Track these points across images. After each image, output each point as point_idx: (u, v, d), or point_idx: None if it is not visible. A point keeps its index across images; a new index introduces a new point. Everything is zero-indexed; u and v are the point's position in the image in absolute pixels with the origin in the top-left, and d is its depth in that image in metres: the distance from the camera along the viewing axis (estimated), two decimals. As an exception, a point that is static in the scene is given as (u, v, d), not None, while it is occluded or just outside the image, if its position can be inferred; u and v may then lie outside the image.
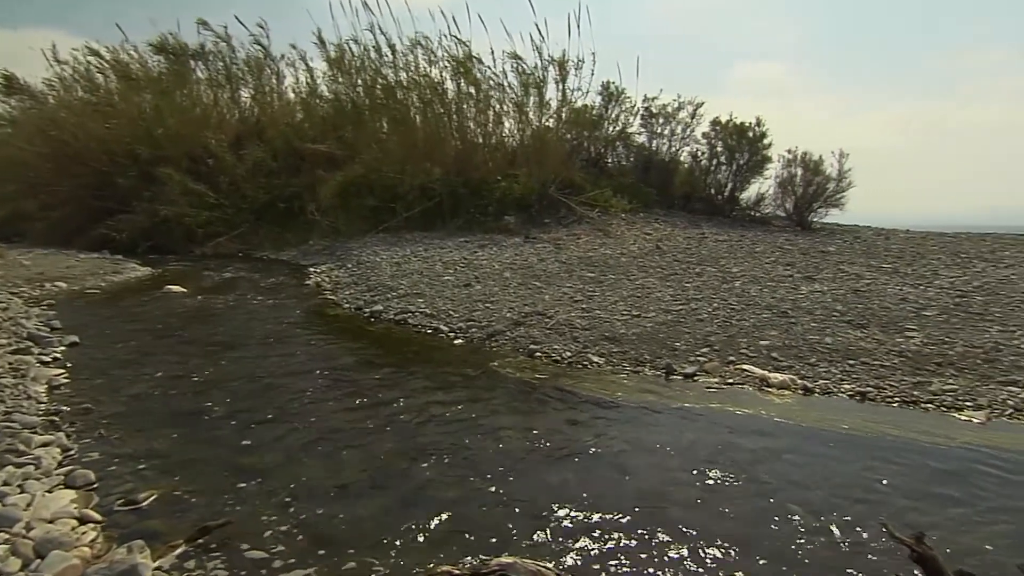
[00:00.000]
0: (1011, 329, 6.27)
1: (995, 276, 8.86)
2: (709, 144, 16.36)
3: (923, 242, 12.74)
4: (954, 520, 3.21)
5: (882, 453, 4.00)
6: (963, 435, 4.28)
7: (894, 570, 2.74)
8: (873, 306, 7.25)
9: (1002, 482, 3.63)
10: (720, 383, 5.24)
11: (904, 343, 5.98)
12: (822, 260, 10.46)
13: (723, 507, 3.25)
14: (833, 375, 5.30)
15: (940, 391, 4.94)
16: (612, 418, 4.56)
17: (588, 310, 7.36)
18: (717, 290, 8.21)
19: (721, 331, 6.44)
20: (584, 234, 12.73)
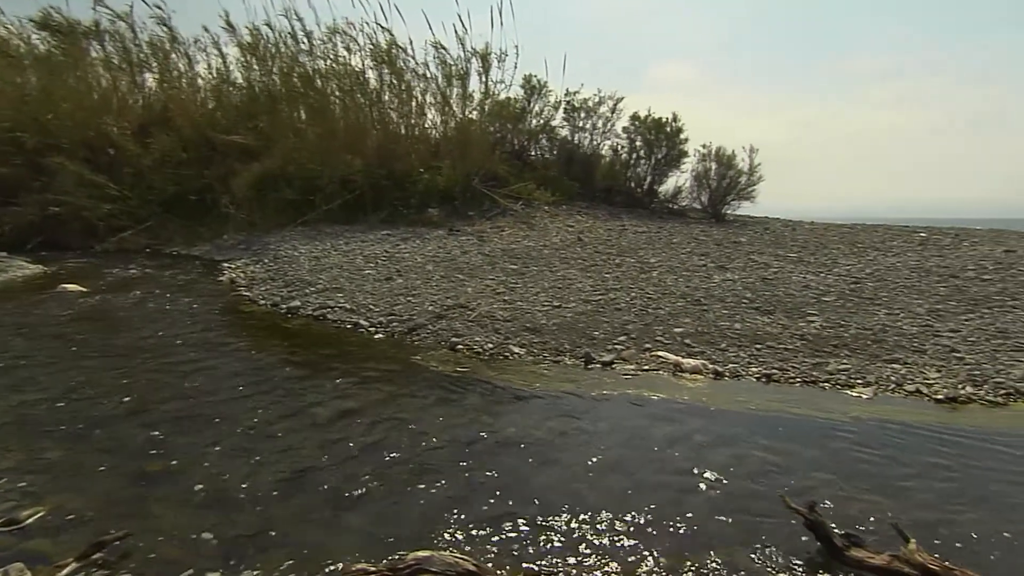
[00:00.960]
0: (896, 312, 6.81)
1: (885, 264, 9.59)
2: (629, 138, 16.81)
3: (825, 233, 13.61)
4: (843, 487, 3.45)
5: (784, 430, 4.26)
6: (854, 410, 4.62)
7: (791, 537, 2.92)
8: (779, 293, 7.68)
9: (884, 451, 3.95)
10: (636, 370, 5.41)
11: (806, 327, 6.37)
12: (734, 250, 10.98)
13: (637, 489, 3.36)
14: (742, 359, 5.57)
15: (836, 371, 5.30)
16: (532, 408, 4.62)
17: (510, 302, 7.42)
18: (635, 280, 8.46)
19: (638, 320, 6.65)
20: (508, 226, 12.80)
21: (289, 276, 9.42)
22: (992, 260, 9.88)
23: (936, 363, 5.45)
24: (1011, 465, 3.80)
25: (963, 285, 8.11)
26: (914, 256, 10.55)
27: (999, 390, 4.91)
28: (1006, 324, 6.44)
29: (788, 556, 2.81)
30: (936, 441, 4.11)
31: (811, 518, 2.90)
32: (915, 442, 4.11)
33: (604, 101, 16.85)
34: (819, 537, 2.87)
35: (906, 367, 5.36)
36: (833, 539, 2.83)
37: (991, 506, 3.30)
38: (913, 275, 8.77)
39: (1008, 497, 3.40)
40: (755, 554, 2.82)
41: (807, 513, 2.91)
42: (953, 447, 4.03)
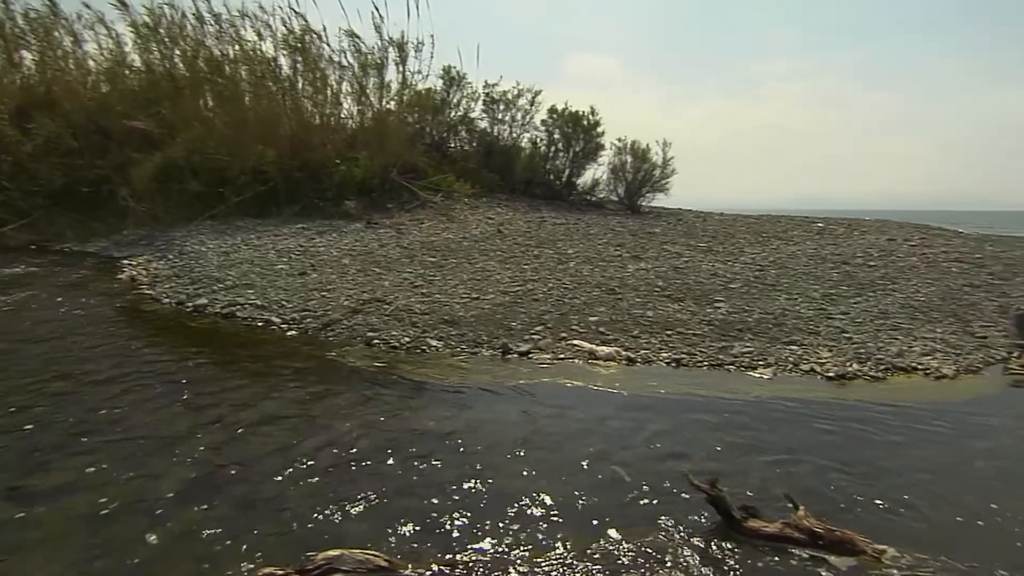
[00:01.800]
0: (795, 297, 7.26)
1: (786, 252, 10.19)
2: (548, 131, 16.99)
3: (733, 224, 14.30)
4: (744, 462, 3.66)
5: (692, 412, 4.45)
6: (755, 390, 4.89)
7: (695, 513, 3.05)
8: (689, 281, 8.01)
9: (781, 426, 4.21)
10: (552, 359, 5.50)
11: (713, 313, 6.68)
12: (649, 241, 11.34)
13: (551, 476, 3.42)
14: (653, 345, 5.77)
15: (740, 353, 5.58)
16: (449, 401, 4.60)
17: (428, 295, 7.35)
18: (553, 271, 8.59)
19: (555, 309, 6.75)
20: (427, 219, 12.67)
21: (196, 273, 8.93)
22: (877, 248, 10.70)
23: (828, 343, 5.84)
24: (887, 434, 4.14)
25: (852, 271, 8.75)
26: (812, 245, 11.27)
27: (880, 366, 5.33)
28: (887, 306, 7.00)
29: (692, 531, 2.94)
30: (827, 415, 4.42)
31: (713, 494, 3.04)
32: (809, 417, 4.40)
33: (523, 94, 16.95)
34: (720, 511, 3.02)
35: (802, 348, 5.72)
36: (732, 512, 2.99)
37: (868, 471, 3.58)
38: (811, 262, 9.38)
39: (881, 461, 3.71)
40: (661, 531, 2.93)
41: (709, 489, 3.05)
42: (840, 420, 4.34)
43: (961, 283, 8.32)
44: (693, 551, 2.78)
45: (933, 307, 7.17)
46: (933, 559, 2.73)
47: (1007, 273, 9.03)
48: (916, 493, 3.35)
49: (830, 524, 2.93)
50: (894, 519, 3.10)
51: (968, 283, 8.35)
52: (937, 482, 3.50)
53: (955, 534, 2.97)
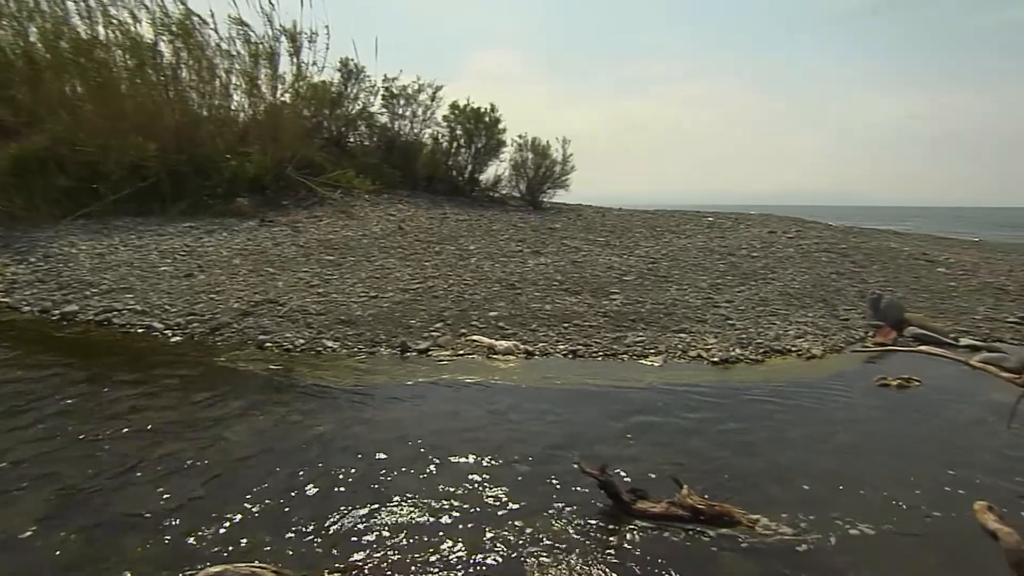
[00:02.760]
0: (684, 288, 7.64)
1: (678, 245, 10.70)
2: (450, 127, 16.89)
3: (630, 219, 14.83)
4: (635, 446, 3.80)
5: (587, 401, 4.58)
6: (647, 377, 5.10)
7: (587, 499, 3.13)
8: (587, 275, 8.23)
9: (670, 411, 4.40)
10: (452, 355, 5.47)
11: (608, 305, 6.90)
12: (549, 236, 11.55)
13: (448, 474, 3.39)
14: (551, 338, 5.88)
15: (633, 343, 5.80)
16: (345, 404, 4.47)
17: (325, 294, 7.11)
18: (454, 267, 8.56)
19: (455, 306, 6.73)
20: (325, 216, 12.25)
21: (64, 277, 8.14)
22: (760, 240, 11.47)
23: (714, 330, 6.19)
24: (764, 411, 4.45)
25: (737, 262, 9.33)
26: (702, 238, 11.90)
27: (759, 349, 5.72)
28: (766, 294, 7.52)
29: (584, 517, 3.01)
30: (711, 398, 4.68)
31: (603, 479, 3.13)
32: (695, 400, 4.63)
33: (424, 89, 16.75)
34: (610, 495, 3.12)
35: (691, 335, 6.03)
36: (622, 496, 3.10)
37: (748, 447, 3.83)
38: (700, 254, 9.90)
39: (759, 437, 3.98)
40: (555, 519, 2.98)
41: (599, 475, 3.14)
42: (724, 401, 4.61)
43: (829, 271, 9.09)
44: (586, 535, 2.85)
45: (806, 294, 7.77)
46: (802, 523, 2.95)
47: (866, 261, 9.96)
48: (789, 464, 3.62)
49: (711, 500, 3.09)
50: (770, 489, 3.32)
51: (835, 271, 9.13)
52: (806, 453, 3.80)
53: (822, 498, 3.23)
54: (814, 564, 2.67)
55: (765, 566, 2.68)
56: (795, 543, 2.83)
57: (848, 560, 2.71)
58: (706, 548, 2.79)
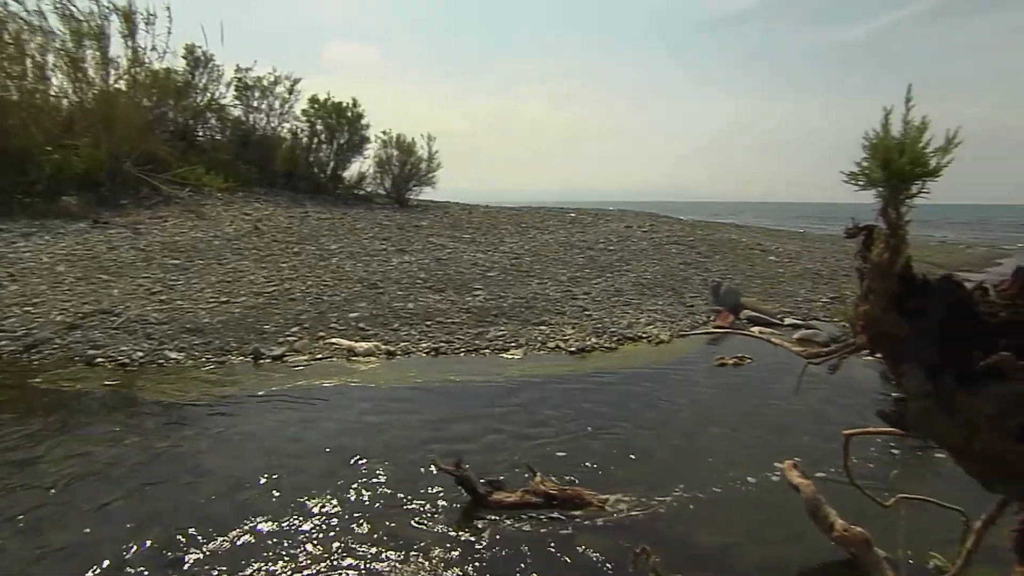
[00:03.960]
0: (545, 281, 7.89)
1: (541, 240, 11.03)
2: (310, 122, 16.18)
3: (497, 216, 15.05)
4: (494, 438, 3.85)
5: (448, 397, 4.58)
6: (508, 370, 5.20)
7: (445, 495, 3.12)
8: (451, 272, 8.24)
9: (528, 401, 4.52)
10: (309, 360, 5.25)
11: (472, 301, 6.95)
12: (415, 234, 11.43)
13: (304, 481, 3.24)
14: (413, 337, 5.82)
15: (495, 337, 5.89)
16: (187, 418, 4.13)
17: (168, 301, 6.53)
18: (313, 268, 8.21)
19: (312, 308, 6.46)
20: (172, 216, 11.24)
21: None
22: (616, 234, 12.12)
23: (572, 321, 6.45)
24: (617, 396, 4.71)
25: (595, 255, 9.79)
26: (564, 233, 12.35)
27: (613, 337, 6.03)
28: (621, 285, 7.95)
29: (442, 513, 3.00)
30: (568, 386, 4.86)
31: (458, 474, 3.14)
32: (552, 390, 4.80)
33: (280, 81, 15.90)
34: (467, 490, 3.14)
35: (550, 327, 6.23)
36: (478, 489, 3.12)
37: (601, 431, 4.01)
38: (561, 249, 10.27)
39: (612, 421, 4.19)
40: (414, 519, 2.95)
41: (454, 471, 3.15)
42: (579, 389, 4.81)
43: (678, 262, 9.80)
44: (445, 532, 2.84)
45: (657, 283, 8.32)
46: (650, 497, 3.14)
47: (710, 252, 10.87)
48: (640, 443, 3.85)
49: (563, 484, 3.21)
50: (623, 468, 3.51)
51: (683, 262, 9.87)
52: (655, 431, 4.06)
53: (668, 473, 3.46)
54: (659, 533, 2.86)
55: (616, 541, 2.81)
56: (642, 517, 3.01)
57: (689, 526, 2.93)
58: (560, 532, 2.89)
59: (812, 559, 2.68)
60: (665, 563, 2.57)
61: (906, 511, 2.56)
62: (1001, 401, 1.40)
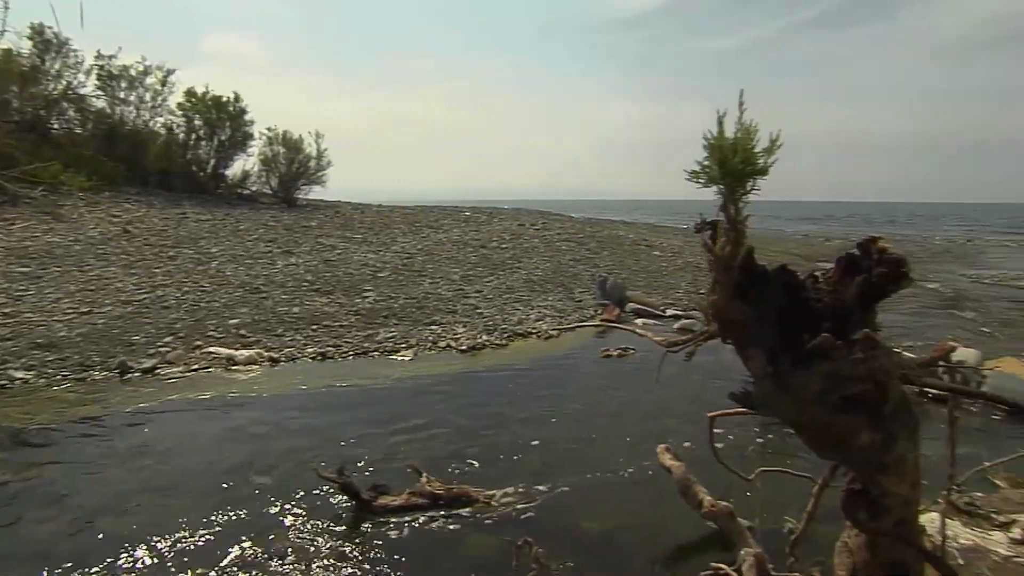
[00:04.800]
0: (438, 280, 7.89)
1: (434, 239, 11.00)
2: (186, 117, 15.18)
3: (390, 215, 14.83)
4: (382, 442, 3.82)
5: (335, 402, 4.49)
6: (397, 372, 5.16)
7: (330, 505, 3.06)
8: (340, 273, 8.04)
9: (417, 402, 4.51)
10: (184, 371, 4.95)
11: (361, 303, 6.83)
12: (303, 235, 11.03)
13: (179, 503, 3.06)
14: (299, 342, 5.64)
15: (384, 339, 5.83)
16: (39, 444, 3.75)
17: (15, 314, 5.90)
18: (190, 273, 7.72)
19: (188, 316, 6.09)
20: (21, 218, 10.15)
21: None
22: (510, 233, 12.32)
23: (463, 320, 6.49)
24: (506, 392, 4.80)
25: (488, 254, 9.90)
26: (458, 232, 12.38)
27: (504, 334, 6.14)
28: (513, 282, 8.10)
29: (327, 523, 2.94)
30: (458, 385, 4.91)
31: (341, 482, 3.09)
32: (442, 389, 4.81)
33: (151, 71, 14.79)
34: (351, 496, 3.10)
35: (441, 327, 6.24)
36: (361, 495, 3.09)
37: (491, 427, 4.09)
38: (454, 248, 10.30)
39: (502, 417, 4.28)
40: (296, 531, 2.87)
41: (337, 478, 3.10)
42: (469, 386, 4.87)
43: (568, 259, 10.11)
44: (330, 541, 2.79)
45: (547, 280, 8.55)
46: (536, 489, 3.23)
47: (599, 248, 11.31)
48: (529, 436, 3.95)
49: (450, 483, 3.24)
50: (513, 462, 3.60)
51: (573, 258, 10.19)
52: (544, 424, 4.19)
53: (556, 463, 3.59)
54: (544, 523, 2.96)
55: (501, 536, 2.87)
56: (528, 509, 3.09)
57: (573, 514, 3.05)
58: (447, 530, 2.92)
59: (687, 535, 2.87)
60: (548, 552, 2.67)
61: (762, 484, 2.82)
62: (825, 378, 1.57)
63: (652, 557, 2.75)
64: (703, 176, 1.67)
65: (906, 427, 1.62)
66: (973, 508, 3.20)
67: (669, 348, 2.31)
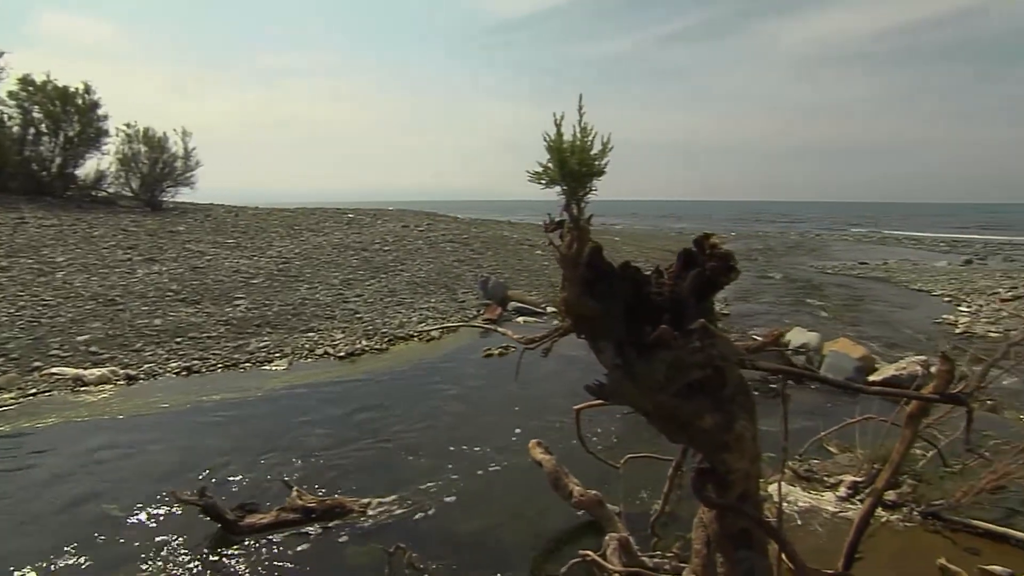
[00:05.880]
0: (316, 286, 7.63)
1: (314, 243, 10.61)
2: (21, 108, 13.58)
3: (268, 218, 14.10)
4: (252, 458, 3.65)
5: (199, 420, 4.22)
6: (270, 383, 4.94)
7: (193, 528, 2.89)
8: (209, 281, 7.55)
9: (290, 413, 4.35)
10: (19, 397, 4.45)
11: (232, 312, 6.46)
12: (169, 240, 10.25)
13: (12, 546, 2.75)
14: (160, 357, 5.25)
15: (256, 349, 5.56)
16: None
17: None
18: (28, 285, 6.93)
19: (25, 335, 5.47)
20: None
21: None
22: (393, 234, 12.14)
23: (342, 325, 6.33)
24: (384, 396, 4.73)
25: (370, 256, 9.70)
26: (339, 234, 12.02)
27: (384, 339, 6.06)
28: (395, 285, 8.00)
29: (191, 549, 2.77)
30: (336, 392, 4.79)
31: (203, 503, 2.93)
32: (319, 398, 4.68)
33: (-31, 52, 13.10)
34: (214, 518, 2.94)
35: (318, 334, 6.05)
36: (226, 515, 2.94)
37: (369, 435, 4.02)
38: (335, 251, 9.99)
39: (383, 423, 4.22)
40: (157, 562, 2.68)
41: (198, 501, 2.93)
42: (346, 394, 4.76)
43: (452, 260, 10.14)
44: (195, 568, 2.63)
45: (431, 281, 8.52)
46: (415, 494, 3.22)
47: (483, 249, 11.42)
48: (407, 441, 3.94)
49: (323, 495, 3.16)
50: (389, 469, 3.56)
51: (457, 259, 10.23)
52: (423, 427, 4.17)
53: (435, 465, 3.60)
54: (421, 528, 2.98)
55: (377, 544, 2.84)
56: (406, 515, 3.09)
57: (452, 515, 3.08)
58: (320, 544, 2.85)
59: (565, 526, 2.98)
60: (426, 555, 2.68)
61: (635, 469, 2.99)
62: (668, 367, 1.68)
63: (530, 551, 2.83)
64: (545, 177, 1.73)
65: (744, 408, 1.77)
66: (811, 474, 3.60)
67: (527, 345, 2.38)
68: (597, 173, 1.71)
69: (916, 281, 11.07)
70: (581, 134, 1.68)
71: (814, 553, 2.84)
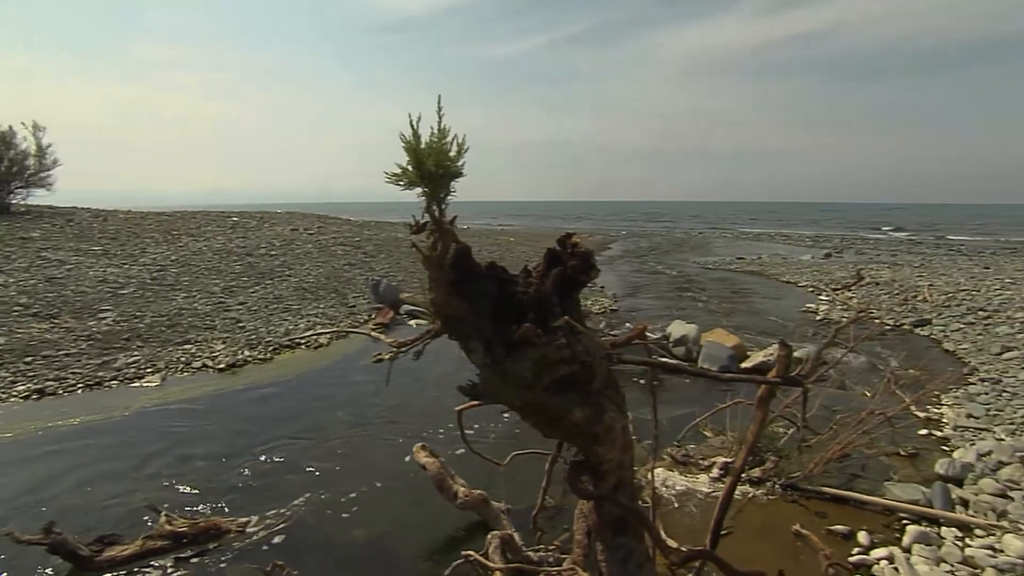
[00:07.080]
0: (194, 294, 7.15)
1: (193, 248, 9.95)
2: None
3: (142, 222, 13.06)
4: (109, 486, 3.35)
5: (49, 449, 3.82)
6: (139, 401, 4.57)
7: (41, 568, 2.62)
8: (69, 292, 6.88)
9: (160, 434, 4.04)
10: None
11: (96, 325, 5.92)
12: (19, 248, 9.23)
13: None
14: (4, 380, 4.71)
15: (125, 365, 5.13)
16: None
17: None
18: None
19: None
20: None
21: None
22: (281, 238, 11.62)
23: (223, 336, 5.97)
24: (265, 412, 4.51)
25: (255, 262, 9.23)
26: (222, 239, 11.34)
27: (269, 348, 5.78)
28: (282, 291, 7.66)
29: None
30: (214, 407, 4.51)
31: (49, 541, 2.66)
32: (195, 414, 4.39)
33: None
34: (65, 557, 2.68)
35: (196, 346, 5.68)
36: (79, 552, 2.69)
37: (244, 451, 3.81)
38: (216, 257, 9.42)
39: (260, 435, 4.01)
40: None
41: (43, 539, 2.66)
42: (224, 409, 4.50)
43: (343, 263, 9.85)
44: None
45: (320, 286, 8.23)
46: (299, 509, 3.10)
47: (376, 251, 11.19)
48: (292, 454, 3.78)
49: (195, 518, 2.98)
50: (272, 484, 3.40)
51: (348, 262, 9.95)
52: (309, 439, 4.02)
53: (323, 478, 3.48)
54: (305, 542, 2.86)
55: (254, 563, 2.71)
56: (288, 530, 2.96)
57: (340, 526, 3.00)
58: (196, 568, 2.68)
59: (455, 528, 2.98)
60: (308, 570, 2.59)
61: (522, 466, 3.02)
62: (535, 364, 1.71)
63: (419, 558, 2.80)
64: (404, 179, 1.70)
65: (613, 400, 1.83)
66: (687, 458, 3.82)
67: (399, 349, 2.35)
68: (454, 174, 1.69)
69: (785, 274, 12.04)
70: (439, 135, 1.66)
71: (689, 533, 3.03)
